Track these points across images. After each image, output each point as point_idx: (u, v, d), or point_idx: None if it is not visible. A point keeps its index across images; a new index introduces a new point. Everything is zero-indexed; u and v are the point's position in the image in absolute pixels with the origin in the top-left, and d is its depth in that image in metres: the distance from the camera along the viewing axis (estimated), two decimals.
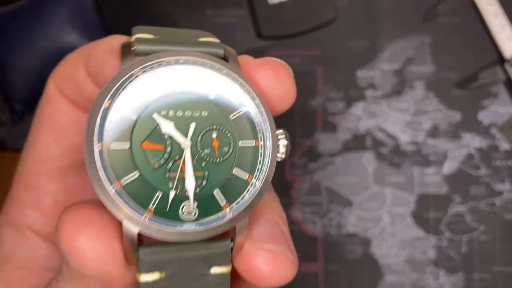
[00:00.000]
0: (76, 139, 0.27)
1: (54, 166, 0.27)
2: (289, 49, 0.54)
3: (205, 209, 0.22)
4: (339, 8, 0.54)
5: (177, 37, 0.23)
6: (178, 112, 0.21)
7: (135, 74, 0.21)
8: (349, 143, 0.53)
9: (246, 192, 0.22)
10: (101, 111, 0.20)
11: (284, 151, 0.23)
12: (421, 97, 0.54)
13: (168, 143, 0.21)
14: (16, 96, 0.50)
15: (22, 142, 0.53)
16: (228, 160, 0.22)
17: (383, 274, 0.53)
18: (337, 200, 0.53)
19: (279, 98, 0.23)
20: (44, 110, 0.27)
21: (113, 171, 0.20)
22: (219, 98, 0.22)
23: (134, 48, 0.21)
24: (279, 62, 0.24)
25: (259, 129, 0.23)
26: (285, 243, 0.23)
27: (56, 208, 0.28)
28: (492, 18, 0.53)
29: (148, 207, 0.21)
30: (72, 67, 0.26)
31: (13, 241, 0.28)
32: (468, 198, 0.53)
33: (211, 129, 0.22)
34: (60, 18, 0.50)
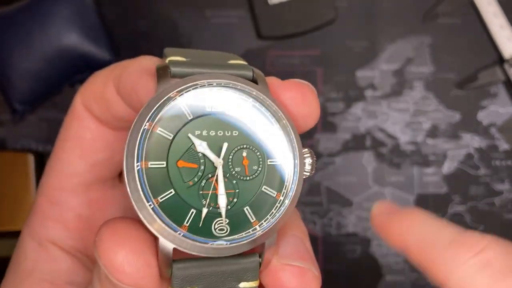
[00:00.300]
0: (101, 156, 0.28)
1: (78, 181, 0.28)
2: (289, 49, 0.54)
3: (236, 225, 0.23)
4: (339, 8, 0.54)
5: (208, 60, 0.24)
6: (211, 132, 0.23)
7: (172, 96, 0.22)
8: (349, 143, 0.53)
9: (275, 209, 0.23)
10: (141, 132, 0.21)
11: (309, 169, 0.24)
12: (420, 97, 0.54)
13: (202, 162, 0.22)
14: (16, 96, 0.50)
15: (23, 142, 0.54)
16: (257, 178, 0.23)
17: (383, 273, 0.53)
18: (337, 200, 0.53)
19: (305, 117, 0.24)
20: (70, 125, 0.28)
21: (150, 189, 0.21)
22: (250, 118, 0.23)
23: (169, 70, 0.22)
24: (304, 83, 0.25)
25: (287, 148, 0.24)
26: (310, 259, 0.24)
27: (79, 222, 0.28)
28: (491, 18, 0.53)
29: (183, 224, 0.22)
30: (102, 85, 0.26)
31: (35, 254, 0.28)
32: (468, 198, 0.53)
33: (242, 148, 0.23)
34: (60, 18, 0.50)
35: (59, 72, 0.51)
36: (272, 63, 0.54)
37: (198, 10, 0.54)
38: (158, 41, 0.53)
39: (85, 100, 0.27)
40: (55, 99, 0.53)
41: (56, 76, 0.51)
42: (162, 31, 0.53)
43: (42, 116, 0.53)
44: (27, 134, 0.53)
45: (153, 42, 0.53)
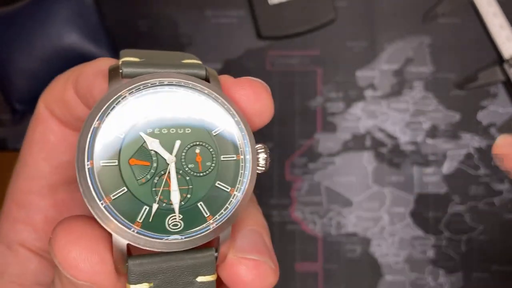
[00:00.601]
0: (66, 157, 0.28)
1: (44, 183, 0.28)
2: (289, 49, 0.54)
3: (190, 221, 0.23)
4: (339, 8, 0.54)
5: (161, 60, 0.24)
6: (163, 130, 0.23)
7: (123, 95, 0.22)
8: (349, 143, 0.53)
9: (229, 204, 0.24)
10: (91, 131, 0.22)
11: (263, 163, 0.24)
12: (420, 97, 0.54)
13: (154, 159, 0.23)
14: (16, 96, 0.50)
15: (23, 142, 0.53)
16: (211, 174, 0.24)
17: (382, 273, 0.53)
18: (337, 200, 0.53)
19: (258, 113, 0.25)
20: (35, 129, 0.29)
21: (102, 187, 0.22)
22: (201, 116, 0.24)
23: (121, 71, 0.23)
24: (256, 80, 0.25)
25: (239, 143, 0.24)
26: (267, 253, 0.25)
27: (46, 224, 0.29)
28: (491, 18, 0.53)
29: (136, 220, 0.22)
30: (62, 88, 0.27)
31: (4, 257, 0.29)
32: (467, 198, 0.53)
33: (195, 145, 0.23)
34: (61, 18, 0.50)
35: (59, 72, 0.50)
36: (272, 63, 0.54)
37: (198, 10, 0.54)
38: (158, 41, 0.53)
39: (47, 103, 0.28)
40: None
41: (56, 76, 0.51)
42: (162, 31, 0.53)
43: None
44: None
45: (153, 42, 0.53)
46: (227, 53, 0.53)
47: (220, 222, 0.23)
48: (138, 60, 0.23)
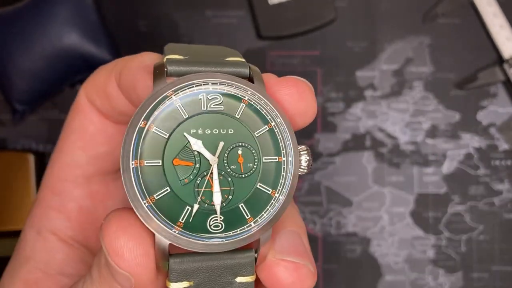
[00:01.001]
0: (103, 148, 0.28)
1: (80, 173, 0.28)
2: (289, 49, 0.54)
3: (231, 222, 0.23)
4: (339, 8, 0.54)
5: (205, 57, 0.24)
6: (207, 130, 0.23)
7: (168, 96, 0.22)
8: (349, 143, 0.53)
9: (270, 206, 0.24)
10: (136, 131, 0.22)
11: (306, 165, 0.24)
12: (420, 97, 0.54)
13: (197, 160, 0.23)
14: (17, 96, 0.50)
15: (23, 142, 0.54)
16: (252, 176, 0.24)
17: (382, 273, 0.53)
18: (336, 200, 0.53)
19: (301, 113, 0.25)
20: (74, 118, 0.29)
21: (146, 187, 0.22)
22: (244, 117, 0.24)
23: (166, 69, 0.23)
24: (300, 79, 0.25)
25: (282, 145, 0.24)
26: (306, 255, 0.25)
27: (80, 213, 0.29)
28: (491, 18, 0.53)
29: (178, 221, 0.22)
30: (104, 80, 0.27)
31: (33, 243, 0.29)
32: (467, 198, 0.53)
33: (237, 146, 0.23)
34: (61, 18, 0.50)
35: (59, 72, 0.51)
36: (272, 63, 0.54)
37: (198, 10, 0.54)
38: (158, 41, 0.53)
39: (88, 94, 0.28)
40: (55, 99, 0.53)
41: (56, 76, 0.51)
42: (162, 31, 0.53)
43: (42, 116, 0.53)
44: (27, 134, 0.53)
45: (153, 42, 0.53)
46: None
47: (261, 224, 0.23)
48: (183, 57, 0.23)
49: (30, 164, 0.50)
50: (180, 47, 0.25)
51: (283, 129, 0.24)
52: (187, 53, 0.24)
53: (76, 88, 0.53)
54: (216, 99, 0.23)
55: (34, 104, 0.52)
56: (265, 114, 0.24)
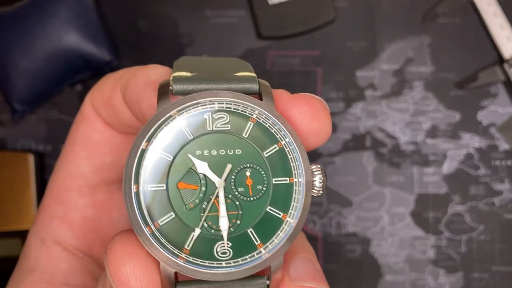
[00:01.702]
0: (108, 158, 0.28)
1: (84, 182, 0.28)
2: (289, 49, 0.54)
3: (239, 248, 0.22)
4: (339, 8, 0.54)
5: (213, 73, 0.23)
6: (213, 151, 0.22)
7: (172, 116, 0.21)
8: (349, 143, 0.53)
9: (281, 231, 0.22)
10: (138, 153, 0.21)
11: (320, 186, 0.23)
12: (420, 97, 0.54)
13: (203, 183, 0.22)
14: (16, 96, 0.50)
15: (23, 142, 0.54)
16: (262, 198, 0.22)
17: (382, 273, 0.53)
18: (337, 200, 0.53)
19: (314, 133, 0.23)
20: (79, 127, 0.28)
21: (149, 212, 0.21)
22: (252, 136, 0.22)
23: (171, 88, 0.22)
24: (314, 97, 0.24)
25: (293, 165, 0.23)
26: (322, 280, 0.24)
27: (84, 223, 0.29)
28: (491, 18, 0.53)
29: (184, 247, 0.21)
30: (110, 90, 0.26)
31: (37, 252, 0.29)
32: (468, 198, 0.53)
33: (245, 167, 0.22)
34: (61, 18, 0.50)
35: (59, 72, 0.51)
36: (272, 63, 0.54)
37: (198, 10, 0.54)
38: (158, 41, 0.53)
39: (94, 103, 0.28)
40: (55, 99, 0.53)
41: (56, 76, 0.51)
42: (162, 31, 0.53)
43: (42, 116, 0.53)
44: (27, 134, 0.53)
45: (153, 42, 0.53)
46: (227, 53, 0.53)
47: (272, 251, 0.22)
48: (190, 74, 0.22)
49: (30, 164, 0.50)
50: (190, 62, 0.24)
51: (293, 148, 0.23)
52: (195, 69, 0.23)
53: (75, 88, 0.53)
54: (223, 118, 0.22)
55: (34, 104, 0.52)
56: (274, 132, 0.23)
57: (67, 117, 0.53)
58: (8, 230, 0.49)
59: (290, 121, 0.23)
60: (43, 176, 0.52)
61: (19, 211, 0.49)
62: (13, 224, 0.49)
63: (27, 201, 0.49)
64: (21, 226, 0.49)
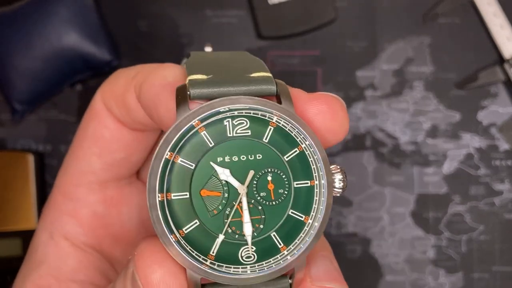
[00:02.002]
0: (118, 155, 0.28)
1: (94, 179, 0.28)
2: (289, 49, 0.54)
3: (263, 252, 0.22)
4: (339, 8, 0.54)
5: (229, 75, 0.23)
6: (234, 158, 0.22)
7: (193, 125, 0.22)
8: (349, 143, 0.53)
9: (303, 233, 0.23)
10: (162, 163, 0.21)
11: (341, 186, 0.23)
12: (420, 97, 0.54)
13: (226, 189, 0.22)
14: (16, 96, 0.50)
15: (23, 142, 0.53)
16: (284, 202, 0.23)
17: (383, 273, 0.53)
18: (337, 200, 0.53)
19: (334, 132, 0.23)
20: (89, 123, 0.28)
21: (174, 220, 0.22)
22: (272, 140, 0.22)
23: (189, 93, 0.22)
24: (332, 96, 0.24)
25: (313, 168, 0.23)
26: (341, 279, 0.24)
27: (93, 219, 0.29)
28: (491, 18, 0.53)
29: (209, 253, 0.22)
30: (123, 88, 0.26)
31: (46, 247, 0.29)
32: (468, 198, 0.53)
33: (266, 172, 0.22)
34: (60, 18, 0.50)
35: (59, 72, 0.51)
36: (272, 63, 0.54)
37: (198, 10, 0.54)
38: (158, 41, 0.53)
39: (105, 99, 0.27)
40: (55, 99, 0.53)
41: (56, 76, 0.51)
42: (162, 31, 0.53)
43: (42, 116, 0.53)
44: (27, 134, 0.52)
45: (153, 42, 0.53)
46: None
47: (295, 254, 0.22)
48: (205, 77, 0.22)
49: (30, 164, 0.50)
50: (202, 61, 0.23)
51: (313, 151, 0.23)
52: (210, 70, 0.23)
53: (75, 88, 0.53)
54: (242, 124, 0.22)
55: (34, 104, 0.52)
56: (294, 136, 0.23)
57: (67, 117, 0.53)
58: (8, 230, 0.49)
59: (309, 122, 0.23)
60: (43, 176, 0.52)
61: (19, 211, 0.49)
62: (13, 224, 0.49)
63: (27, 201, 0.49)
64: (21, 226, 0.49)
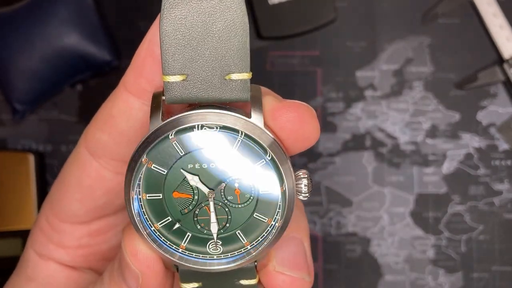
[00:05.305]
0: (101, 200, 0.29)
1: (78, 220, 0.29)
2: (289, 49, 0.54)
3: (228, 245, 0.25)
4: (339, 8, 0.54)
5: (205, 77, 0.24)
6: (203, 165, 0.24)
7: (166, 135, 0.24)
8: (349, 143, 0.53)
9: (266, 232, 0.25)
10: (137, 166, 0.24)
11: (306, 190, 0.25)
12: (420, 97, 0.54)
13: (196, 192, 0.24)
14: (16, 96, 0.51)
15: (23, 142, 0.54)
16: (249, 205, 0.25)
17: (382, 273, 0.53)
18: (336, 199, 0.53)
19: (303, 139, 0.25)
20: (72, 168, 0.29)
21: (149, 217, 0.24)
22: (241, 150, 0.24)
23: (163, 98, 0.24)
24: (302, 104, 0.25)
25: (279, 176, 0.24)
26: (305, 267, 0.26)
27: (79, 248, 0.30)
28: (491, 18, 0.53)
29: (181, 244, 0.25)
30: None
31: (35, 263, 0.30)
32: (467, 198, 0.53)
33: (234, 179, 0.24)
34: (61, 18, 0.50)
35: (59, 72, 0.51)
36: (272, 63, 0.54)
37: None
38: None
39: (88, 146, 0.28)
40: (55, 99, 0.53)
41: (56, 76, 0.51)
42: None
43: (42, 116, 0.53)
44: (27, 134, 0.53)
45: None
46: None
47: (258, 248, 0.25)
48: (180, 79, 0.23)
49: (30, 164, 0.50)
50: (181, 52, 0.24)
51: (278, 161, 0.24)
52: (186, 66, 0.23)
53: (76, 88, 0.53)
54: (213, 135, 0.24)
55: (34, 104, 0.52)
56: (261, 146, 0.24)
57: (68, 117, 0.53)
58: (8, 230, 0.49)
59: (279, 129, 0.24)
60: (44, 176, 0.52)
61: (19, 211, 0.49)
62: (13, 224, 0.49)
63: (27, 201, 0.49)
64: (21, 226, 0.49)
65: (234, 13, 0.23)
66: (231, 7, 0.23)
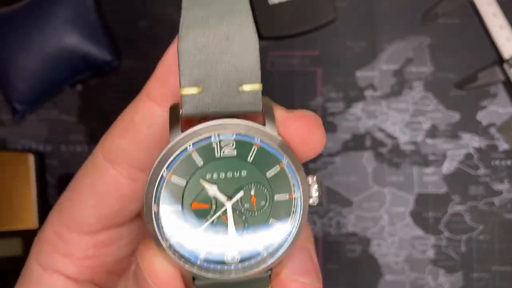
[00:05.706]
0: (114, 208, 0.29)
1: (87, 230, 0.29)
2: (289, 49, 0.54)
3: (246, 254, 0.26)
4: (339, 8, 0.54)
5: (220, 90, 0.25)
6: (221, 174, 0.25)
7: (186, 147, 0.25)
8: (349, 143, 0.53)
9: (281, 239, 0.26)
10: (158, 179, 0.25)
11: (316, 195, 0.27)
12: (420, 97, 0.54)
13: (214, 202, 0.25)
14: (16, 96, 0.51)
15: (23, 142, 0.54)
16: (265, 212, 0.26)
17: (382, 273, 0.53)
18: (336, 199, 0.53)
19: (311, 147, 0.27)
20: (89, 174, 0.29)
21: (167, 229, 0.25)
22: (256, 160, 0.25)
23: (181, 112, 0.25)
24: (309, 114, 0.27)
25: (292, 183, 0.26)
26: (314, 273, 0.28)
27: (86, 259, 0.30)
28: (491, 18, 0.53)
29: (199, 254, 0.26)
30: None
31: (39, 277, 0.30)
32: (467, 198, 0.53)
33: (250, 187, 0.26)
34: (61, 18, 0.50)
35: (59, 72, 0.51)
36: (272, 63, 0.54)
37: None
38: (158, 41, 0.53)
39: (105, 153, 0.28)
40: (55, 99, 0.53)
41: (56, 76, 0.51)
42: (162, 31, 0.53)
43: (42, 116, 0.53)
44: (27, 134, 0.53)
45: (153, 42, 0.53)
46: None
47: (275, 257, 0.26)
48: (197, 91, 0.25)
49: (30, 164, 0.50)
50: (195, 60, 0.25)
51: (292, 168, 0.26)
52: (202, 75, 0.25)
53: (76, 88, 0.53)
54: (229, 145, 0.25)
55: (34, 104, 0.52)
56: (275, 155, 0.26)
57: (68, 117, 0.53)
58: (8, 230, 0.49)
59: (289, 138, 0.26)
60: (44, 176, 0.52)
61: (19, 211, 0.49)
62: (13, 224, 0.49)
63: (27, 201, 0.49)
64: (21, 226, 0.49)
65: (247, 32, 0.25)
66: (245, 28, 0.25)
